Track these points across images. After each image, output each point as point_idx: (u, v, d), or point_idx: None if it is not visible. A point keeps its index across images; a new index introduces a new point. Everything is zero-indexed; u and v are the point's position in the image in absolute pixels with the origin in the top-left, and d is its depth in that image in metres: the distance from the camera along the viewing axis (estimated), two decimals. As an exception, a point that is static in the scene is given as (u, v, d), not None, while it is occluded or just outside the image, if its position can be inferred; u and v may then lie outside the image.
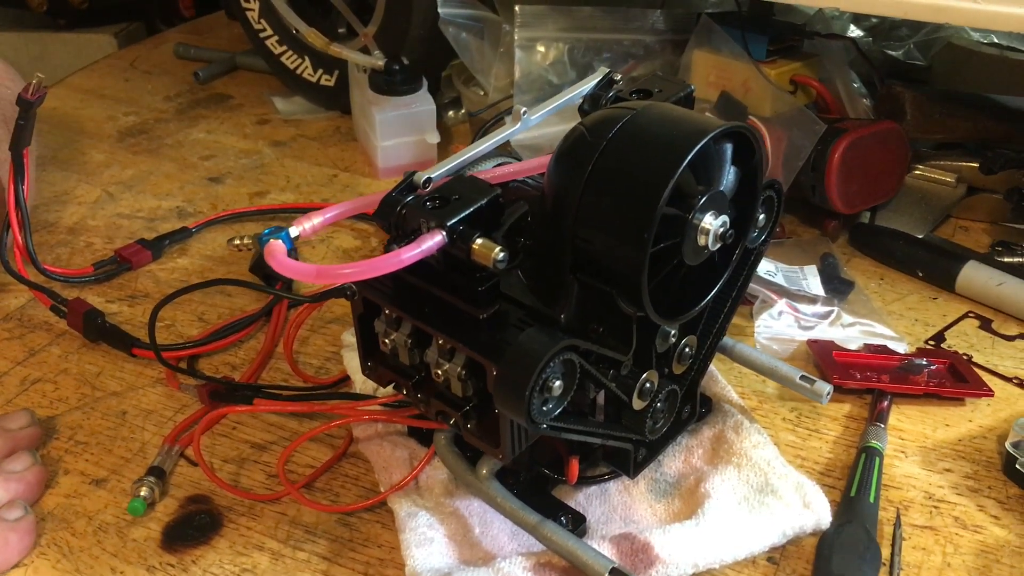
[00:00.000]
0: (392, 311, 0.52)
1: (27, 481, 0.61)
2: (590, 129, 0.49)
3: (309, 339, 0.76)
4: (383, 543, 0.58)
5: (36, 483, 0.61)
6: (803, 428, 0.67)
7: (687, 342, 0.56)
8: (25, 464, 0.61)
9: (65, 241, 0.90)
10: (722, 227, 0.49)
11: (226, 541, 0.59)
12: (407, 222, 0.50)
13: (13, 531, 0.57)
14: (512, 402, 0.46)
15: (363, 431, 0.64)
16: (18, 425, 0.64)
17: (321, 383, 0.71)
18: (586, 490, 0.60)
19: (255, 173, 1.02)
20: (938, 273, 0.81)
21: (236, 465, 0.64)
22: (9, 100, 0.85)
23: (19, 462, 0.61)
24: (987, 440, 0.65)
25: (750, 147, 0.51)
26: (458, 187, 0.50)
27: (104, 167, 1.04)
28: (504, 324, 0.50)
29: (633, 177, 0.46)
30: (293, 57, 1.14)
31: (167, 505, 0.61)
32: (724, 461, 0.60)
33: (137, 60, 1.33)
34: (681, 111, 0.50)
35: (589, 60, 0.98)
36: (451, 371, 0.50)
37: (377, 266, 0.47)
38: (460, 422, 0.52)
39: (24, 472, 0.61)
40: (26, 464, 0.62)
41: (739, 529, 0.56)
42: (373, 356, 0.56)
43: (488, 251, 0.47)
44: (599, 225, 0.47)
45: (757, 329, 0.74)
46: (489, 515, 0.58)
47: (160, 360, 0.70)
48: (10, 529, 0.57)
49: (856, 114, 0.92)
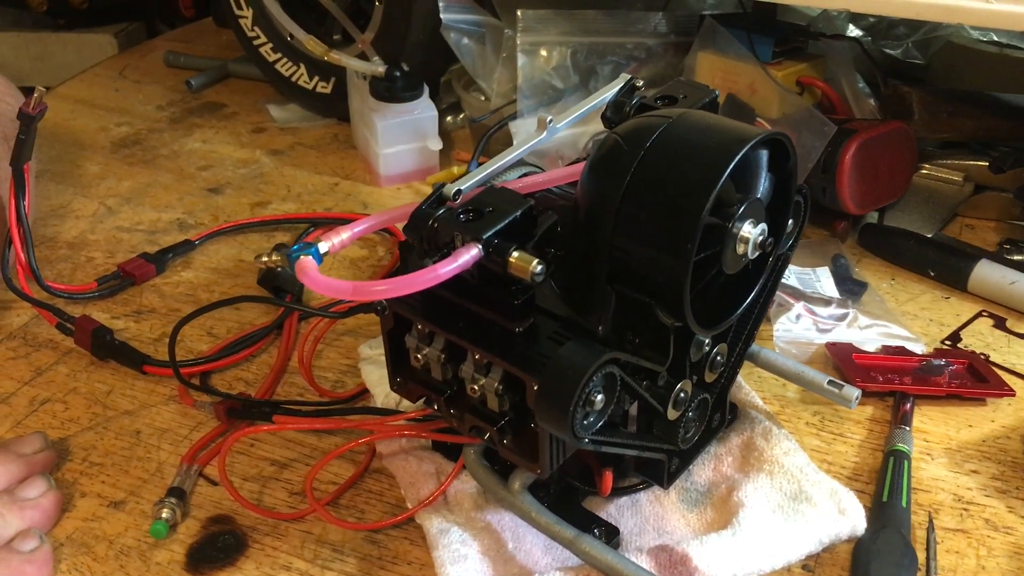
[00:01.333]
0: (425, 326, 0.51)
1: (43, 508, 0.59)
2: (626, 138, 0.48)
3: (323, 352, 0.75)
4: (412, 560, 0.58)
5: (52, 509, 0.60)
6: (827, 432, 0.66)
7: (718, 350, 0.56)
8: (40, 490, 0.60)
9: (66, 256, 0.88)
10: (761, 235, 0.48)
11: (252, 562, 0.58)
12: (440, 236, 0.49)
13: (29, 563, 0.56)
14: (555, 417, 0.46)
15: (387, 446, 0.63)
16: (32, 449, 0.63)
17: (339, 397, 0.70)
18: (617, 501, 0.60)
19: (255, 183, 1.01)
20: (950, 272, 0.81)
21: (257, 483, 0.63)
22: (9, 116, 0.83)
23: (34, 488, 0.60)
24: (1011, 440, 0.65)
25: (785, 153, 0.50)
26: (490, 199, 0.49)
27: (100, 179, 1.02)
28: (541, 337, 0.49)
29: (674, 187, 0.46)
30: (288, 64, 1.13)
31: (189, 527, 0.60)
32: (755, 469, 0.60)
33: (126, 69, 1.31)
34: (716, 118, 0.49)
35: (592, 64, 0.98)
36: (488, 386, 0.49)
37: (414, 282, 0.46)
38: (496, 437, 0.51)
39: (39, 499, 0.60)
40: (41, 490, 0.60)
41: (775, 538, 0.55)
42: (402, 371, 0.55)
43: (526, 264, 0.46)
44: (639, 236, 0.47)
45: (776, 333, 0.74)
46: (521, 529, 0.57)
47: (179, 378, 0.68)
48: (26, 561, 0.56)
49: (862, 114, 0.92)
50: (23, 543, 0.56)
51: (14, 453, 0.62)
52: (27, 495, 0.59)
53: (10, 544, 0.56)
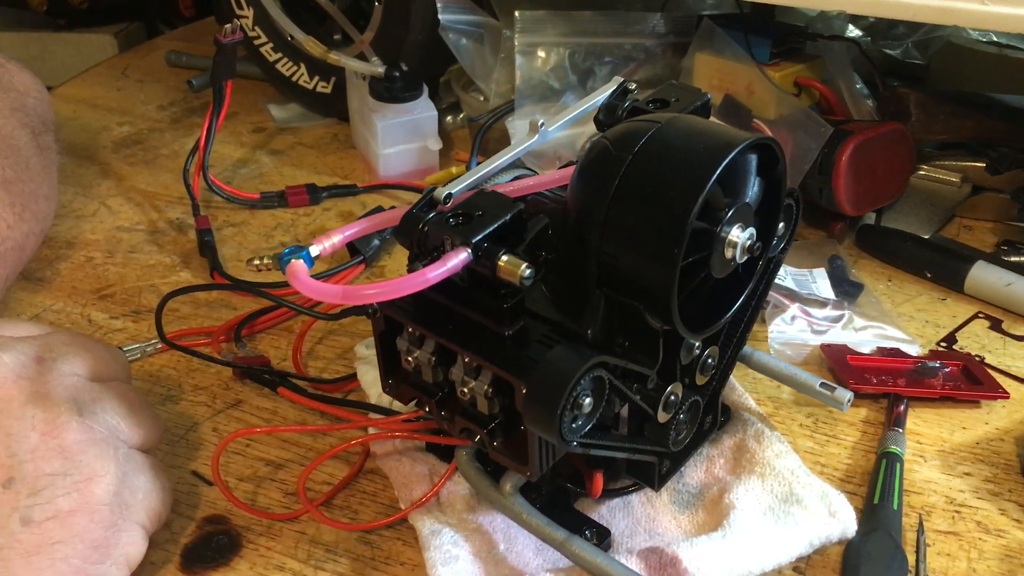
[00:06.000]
0: (415, 329, 0.51)
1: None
2: (614, 143, 0.48)
3: (314, 351, 0.75)
4: (405, 560, 0.58)
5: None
6: (821, 434, 0.67)
7: (709, 353, 0.56)
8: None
9: (65, 256, 0.89)
10: (749, 239, 0.48)
11: (246, 562, 0.58)
12: (430, 239, 0.49)
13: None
14: (543, 421, 0.46)
15: (381, 447, 0.63)
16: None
17: (328, 391, 0.71)
18: (608, 503, 0.60)
19: (255, 183, 1.01)
20: (946, 274, 0.81)
21: (252, 483, 0.64)
22: (38, 112, 0.84)
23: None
24: (1004, 443, 0.65)
25: (774, 158, 0.50)
26: (481, 202, 0.50)
27: (100, 179, 1.03)
28: (530, 340, 0.49)
29: (661, 192, 0.46)
30: (289, 64, 1.13)
31: (184, 526, 0.60)
32: (747, 471, 0.60)
33: (128, 68, 1.31)
34: (705, 123, 0.50)
35: (590, 64, 0.98)
36: (477, 389, 0.49)
37: (403, 286, 0.46)
38: (486, 439, 0.51)
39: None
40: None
41: (766, 540, 0.55)
42: (394, 374, 0.56)
43: (515, 268, 0.46)
44: (627, 241, 0.47)
45: (771, 334, 0.74)
46: (513, 531, 0.58)
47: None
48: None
49: (860, 115, 0.92)
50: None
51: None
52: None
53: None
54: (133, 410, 0.55)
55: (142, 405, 0.56)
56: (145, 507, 0.54)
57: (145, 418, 0.56)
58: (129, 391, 0.56)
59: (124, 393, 0.55)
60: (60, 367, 0.53)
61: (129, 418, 0.54)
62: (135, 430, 0.54)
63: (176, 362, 0.74)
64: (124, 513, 0.52)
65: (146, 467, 0.55)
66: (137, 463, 0.54)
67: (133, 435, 0.54)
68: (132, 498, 0.53)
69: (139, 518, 0.53)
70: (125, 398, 0.55)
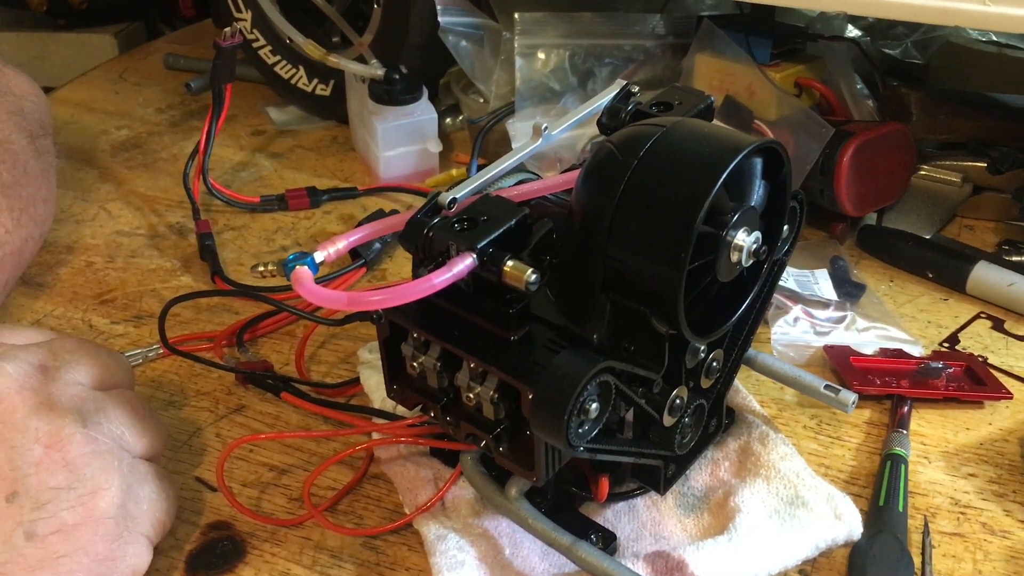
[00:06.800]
0: (421, 335, 0.51)
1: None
2: (620, 147, 0.48)
3: (317, 355, 0.75)
4: (411, 566, 0.58)
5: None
6: (825, 436, 0.67)
7: (714, 356, 0.56)
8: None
9: (65, 260, 0.89)
10: (755, 243, 0.48)
11: (251, 569, 0.58)
12: (435, 245, 0.49)
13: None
14: (549, 426, 0.46)
15: (385, 451, 0.63)
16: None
17: (329, 395, 0.71)
18: (614, 506, 0.60)
19: (255, 186, 1.01)
20: (948, 274, 0.81)
21: (256, 489, 0.63)
22: (35, 116, 0.84)
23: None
24: (1008, 443, 0.66)
25: (779, 161, 0.50)
26: (485, 207, 0.50)
27: (100, 183, 1.02)
28: (536, 346, 0.49)
29: (667, 196, 0.46)
30: (287, 67, 1.13)
31: (188, 533, 0.60)
32: (752, 474, 0.60)
33: (127, 71, 1.31)
34: (710, 126, 0.49)
35: (590, 66, 0.98)
36: (483, 394, 0.49)
37: (408, 292, 0.46)
38: (491, 445, 0.51)
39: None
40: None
41: (772, 543, 0.55)
42: (399, 379, 0.56)
43: (520, 273, 0.46)
44: (633, 245, 0.47)
45: (774, 336, 0.74)
46: (518, 535, 0.57)
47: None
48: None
49: (860, 116, 0.92)
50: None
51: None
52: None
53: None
54: (138, 418, 0.54)
55: (146, 413, 0.56)
56: (150, 518, 0.53)
57: (150, 426, 0.55)
58: (133, 399, 0.56)
59: (128, 401, 0.55)
60: (64, 376, 0.53)
61: (134, 427, 0.54)
62: (140, 439, 0.54)
63: (178, 367, 0.74)
64: (129, 525, 0.52)
65: (151, 477, 0.54)
66: (142, 473, 0.54)
67: (138, 444, 0.54)
68: (137, 509, 0.52)
69: (144, 529, 0.53)
70: (130, 406, 0.55)
